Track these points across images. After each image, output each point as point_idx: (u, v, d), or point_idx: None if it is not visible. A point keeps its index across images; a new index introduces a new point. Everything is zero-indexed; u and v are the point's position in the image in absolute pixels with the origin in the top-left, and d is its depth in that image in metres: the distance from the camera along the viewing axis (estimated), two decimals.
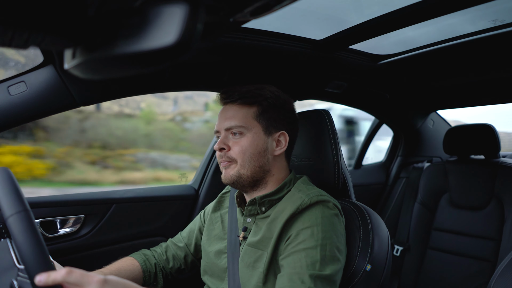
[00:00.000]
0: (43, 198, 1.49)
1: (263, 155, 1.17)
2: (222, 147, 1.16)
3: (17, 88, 1.23)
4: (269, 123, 1.18)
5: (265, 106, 1.17)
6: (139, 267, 1.31)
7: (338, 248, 1.05)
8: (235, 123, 1.15)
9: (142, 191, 1.76)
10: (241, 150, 1.15)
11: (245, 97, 1.16)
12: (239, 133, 1.16)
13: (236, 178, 1.16)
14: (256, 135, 1.16)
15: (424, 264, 2.26)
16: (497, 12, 1.34)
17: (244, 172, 1.15)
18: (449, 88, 2.29)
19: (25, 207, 0.74)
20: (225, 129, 1.17)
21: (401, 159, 2.90)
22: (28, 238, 0.70)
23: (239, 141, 1.15)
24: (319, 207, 1.09)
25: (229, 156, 1.16)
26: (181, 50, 0.37)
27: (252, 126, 1.16)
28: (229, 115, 1.17)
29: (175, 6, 0.36)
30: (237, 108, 1.17)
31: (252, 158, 1.15)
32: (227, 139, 1.17)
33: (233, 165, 1.17)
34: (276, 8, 0.47)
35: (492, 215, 2.03)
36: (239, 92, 1.16)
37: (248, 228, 1.21)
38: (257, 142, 1.16)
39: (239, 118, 1.16)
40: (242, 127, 1.15)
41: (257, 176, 1.17)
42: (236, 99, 1.16)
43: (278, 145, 1.20)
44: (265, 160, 1.17)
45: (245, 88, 1.17)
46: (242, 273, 1.12)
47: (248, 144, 1.15)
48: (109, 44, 0.40)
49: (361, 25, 1.43)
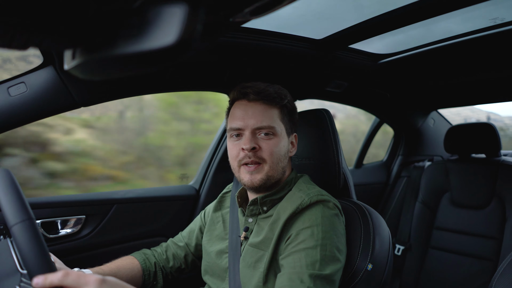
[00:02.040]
0: (44, 199, 1.49)
1: (285, 156, 1.17)
2: (254, 146, 1.12)
3: (17, 89, 1.23)
4: (289, 126, 1.19)
5: (288, 108, 1.19)
6: (138, 266, 1.31)
7: (338, 248, 1.04)
8: (267, 123, 1.12)
9: (143, 191, 1.76)
10: (272, 151, 1.13)
11: (273, 98, 1.14)
12: (270, 133, 1.13)
13: (265, 180, 1.13)
14: (282, 137, 1.16)
15: (426, 264, 2.26)
16: (497, 10, 1.33)
17: (273, 174, 1.14)
18: (449, 86, 2.29)
19: (29, 215, 0.74)
20: (254, 128, 1.13)
21: (402, 158, 2.89)
22: (33, 248, 0.70)
23: (270, 142, 1.13)
24: (319, 206, 1.09)
25: (259, 156, 1.12)
26: (181, 51, 0.37)
27: (280, 127, 1.15)
28: (256, 113, 1.13)
29: (175, 6, 0.36)
30: (265, 107, 1.14)
31: (279, 159, 1.14)
32: (256, 138, 1.13)
33: (261, 167, 1.13)
34: (276, 8, 0.47)
35: (493, 214, 2.03)
36: (267, 92, 1.14)
37: (250, 228, 1.21)
38: (283, 143, 1.16)
39: (269, 118, 1.13)
40: (273, 128, 1.13)
41: (279, 177, 1.17)
42: (264, 98, 1.14)
43: (293, 146, 1.23)
44: (286, 162, 1.18)
45: (271, 88, 1.15)
46: (243, 273, 1.12)
47: (277, 145, 1.14)
48: (109, 45, 0.39)
49: (361, 24, 1.42)
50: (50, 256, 0.74)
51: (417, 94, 2.45)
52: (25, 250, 0.70)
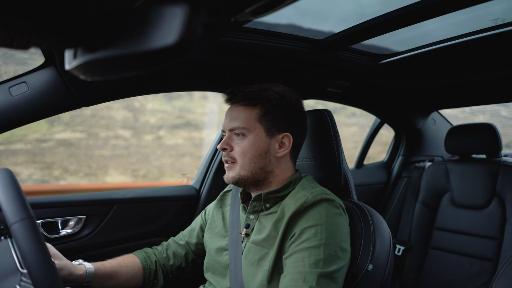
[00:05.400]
0: (44, 199, 1.49)
1: (264, 156, 1.17)
2: (224, 147, 1.19)
3: (18, 89, 1.23)
4: (272, 125, 1.17)
5: (268, 107, 1.17)
6: (139, 264, 1.32)
7: (341, 247, 1.05)
8: (237, 124, 1.17)
9: (143, 191, 1.76)
10: (242, 151, 1.16)
11: (247, 98, 1.17)
12: (241, 134, 1.17)
13: (237, 179, 1.18)
14: (257, 137, 1.16)
15: (426, 264, 2.25)
16: (498, 11, 1.33)
17: (244, 174, 1.17)
18: (450, 87, 2.28)
19: (29, 214, 0.74)
20: (229, 130, 1.19)
21: (403, 159, 2.89)
22: (33, 246, 0.70)
23: (241, 142, 1.17)
24: (324, 205, 1.09)
25: (231, 156, 1.18)
26: (182, 51, 0.37)
27: (253, 127, 1.16)
28: (233, 115, 1.19)
29: (176, 7, 0.36)
30: (241, 109, 1.18)
31: (252, 159, 1.16)
32: (230, 139, 1.19)
33: (233, 166, 1.18)
34: (277, 8, 0.47)
35: (494, 215, 2.03)
36: (243, 93, 1.17)
37: (251, 225, 1.21)
38: (258, 144, 1.16)
39: (241, 119, 1.17)
40: (244, 129, 1.16)
41: (258, 177, 1.18)
42: (239, 100, 1.17)
43: (281, 146, 1.19)
44: (266, 162, 1.17)
45: (249, 89, 1.18)
46: (246, 271, 1.12)
47: (249, 146, 1.16)
48: (110, 45, 0.40)
49: (362, 24, 1.42)
50: (50, 254, 0.74)
51: (418, 95, 2.45)
52: (24, 248, 0.70)
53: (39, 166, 4.46)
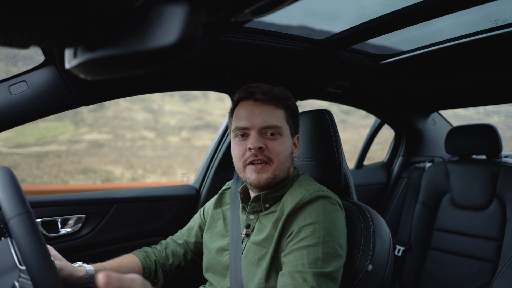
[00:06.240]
0: (44, 198, 1.49)
1: (290, 157, 1.20)
2: (261, 146, 1.13)
3: (18, 87, 1.23)
4: (292, 127, 1.22)
5: (292, 109, 1.21)
6: (139, 264, 1.32)
7: (339, 244, 1.05)
8: (274, 123, 1.14)
9: (143, 191, 1.76)
10: (278, 151, 1.14)
11: (278, 98, 1.16)
12: (277, 134, 1.15)
13: (272, 179, 1.14)
14: (288, 138, 1.18)
15: (426, 265, 2.25)
16: (499, 12, 1.33)
17: (279, 173, 1.15)
18: (450, 88, 2.28)
19: (27, 209, 0.74)
20: (261, 128, 1.14)
21: (403, 159, 2.89)
22: (30, 240, 0.70)
23: (276, 142, 1.15)
24: (320, 202, 1.09)
25: (266, 155, 1.14)
26: (182, 50, 0.37)
27: (285, 128, 1.18)
28: (264, 113, 1.14)
29: (176, 6, 0.36)
30: (272, 107, 1.16)
31: (285, 159, 1.17)
32: (262, 138, 1.14)
33: (268, 166, 1.14)
34: (277, 8, 0.46)
35: (494, 216, 2.03)
36: (273, 93, 1.16)
37: (251, 225, 1.21)
38: (289, 143, 1.19)
39: (276, 118, 1.15)
40: (279, 128, 1.15)
41: (284, 176, 1.19)
42: (270, 98, 1.15)
43: (295, 148, 1.25)
44: (290, 162, 1.21)
45: (277, 89, 1.18)
46: (245, 271, 1.12)
47: (284, 145, 1.16)
48: (110, 44, 0.39)
49: (362, 25, 1.42)
50: (47, 248, 0.74)
51: (418, 95, 2.45)
52: (22, 242, 0.70)
53: (124, 166, 4.59)
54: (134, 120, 5.16)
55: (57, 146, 4.33)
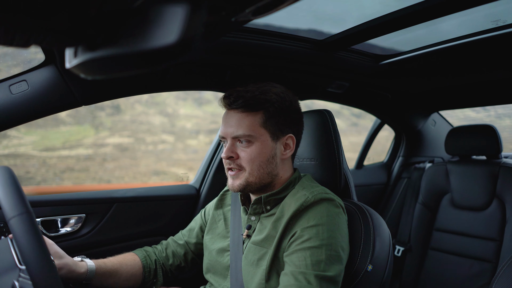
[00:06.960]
0: (44, 197, 1.49)
1: (271, 161, 1.15)
2: (230, 155, 1.13)
3: (18, 87, 1.23)
4: (276, 128, 1.14)
5: (271, 112, 1.13)
6: (139, 263, 1.32)
7: (342, 247, 1.05)
8: (242, 132, 1.11)
9: (143, 190, 1.76)
10: (250, 158, 1.12)
11: (250, 105, 1.11)
12: (247, 141, 1.12)
13: (245, 186, 1.14)
14: (264, 143, 1.13)
15: (425, 265, 2.25)
16: (499, 13, 1.33)
17: (253, 180, 1.14)
18: (450, 88, 2.28)
19: (27, 209, 0.74)
20: (233, 137, 1.14)
21: (403, 160, 2.89)
22: (30, 240, 0.70)
23: (247, 150, 1.12)
24: (324, 205, 1.08)
25: (238, 164, 1.14)
26: (183, 50, 0.37)
27: (259, 134, 1.12)
28: (234, 122, 1.13)
29: (177, 6, 0.36)
30: (243, 115, 1.12)
31: (261, 166, 1.13)
32: (234, 146, 1.14)
33: (241, 174, 1.14)
34: (278, 8, 0.46)
35: (494, 216, 2.03)
36: (244, 98, 1.11)
37: (253, 226, 1.21)
38: (265, 149, 1.13)
39: (245, 126, 1.12)
40: (250, 136, 1.11)
41: (265, 181, 1.16)
42: (241, 106, 1.12)
43: (286, 148, 1.18)
44: (273, 166, 1.16)
45: (249, 93, 1.12)
46: (245, 271, 1.12)
47: (256, 153, 1.12)
48: (110, 44, 0.39)
49: (362, 25, 1.42)
50: (47, 248, 0.74)
51: (418, 96, 2.45)
52: (21, 242, 0.70)
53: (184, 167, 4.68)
54: (151, 124, 5.16)
55: (84, 149, 4.32)
